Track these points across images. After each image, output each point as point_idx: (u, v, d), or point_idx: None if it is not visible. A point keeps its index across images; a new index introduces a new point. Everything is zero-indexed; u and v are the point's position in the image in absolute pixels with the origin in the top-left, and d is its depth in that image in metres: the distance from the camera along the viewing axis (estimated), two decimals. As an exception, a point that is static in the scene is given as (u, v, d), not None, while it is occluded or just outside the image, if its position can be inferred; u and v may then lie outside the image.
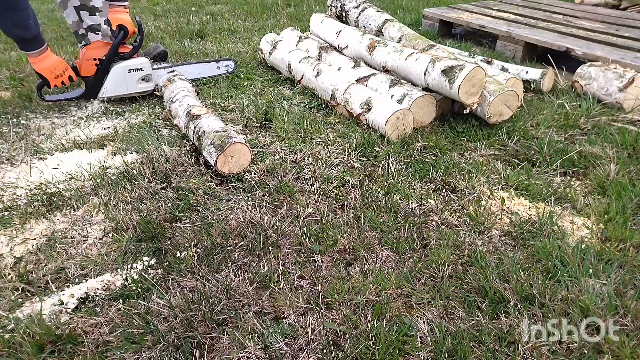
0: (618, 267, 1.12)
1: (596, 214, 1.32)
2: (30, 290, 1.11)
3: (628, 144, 1.64)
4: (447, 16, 3.02)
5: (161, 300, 1.04)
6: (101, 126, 1.94)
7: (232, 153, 1.50)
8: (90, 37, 2.12)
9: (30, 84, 2.36)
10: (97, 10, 2.08)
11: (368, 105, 1.80)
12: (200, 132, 1.60)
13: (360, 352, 0.92)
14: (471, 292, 1.07)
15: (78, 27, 2.12)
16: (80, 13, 2.05)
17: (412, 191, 1.44)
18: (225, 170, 1.51)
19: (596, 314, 0.98)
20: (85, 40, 2.13)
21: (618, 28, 2.62)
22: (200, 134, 1.59)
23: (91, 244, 1.26)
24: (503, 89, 1.73)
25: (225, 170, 1.51)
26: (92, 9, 2.07)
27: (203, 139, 1.57)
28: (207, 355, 0.94)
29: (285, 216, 1.33)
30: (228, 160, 1.50)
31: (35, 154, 1.70)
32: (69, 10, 2.06)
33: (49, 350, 0.95)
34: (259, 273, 1.12)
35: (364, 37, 2.21)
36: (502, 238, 1.25)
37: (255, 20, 3.65)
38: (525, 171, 1.53)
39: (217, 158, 1.48)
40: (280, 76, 2.44)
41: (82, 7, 2.04)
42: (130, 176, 1.53)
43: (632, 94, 1.88)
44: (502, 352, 0.92)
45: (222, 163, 1.49)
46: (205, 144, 1.55)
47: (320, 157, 1.62)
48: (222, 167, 1.50)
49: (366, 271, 1.13)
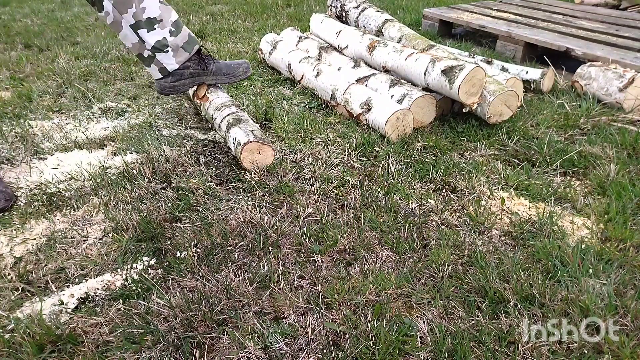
0: (618, 267, 1.12)
1: (596, 214, 1.32)
2: (30, 290, 1.11)
3: (628, 144, 1.64)
4: (447, 16, 3.02)
5: (161, 300, 1.04)
6: (101, 126, 1.94)
7: (262, 151, 1.55)
8: (160, 57, 1.67)
9: (30, 84, 2.37)
10: (155, 22, 1.60)
11: (368, 105, 1.80)
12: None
13: (360, 352, 0.92)
14: (471, 292, 1.07)
15: (141, 49, 1.65)
16: (139, 32, 1.60)
17: (412, 191, 1.44)
18: (249, 160, 1.55)
19: (596, 314, 0.98)
20: (156, 63, 1.68)
21: (618, 28, 2.62)
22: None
23: (91, 244, 1.26)
24: (503, 89, 1.73)
25: (250, 159, 1.56)
26: (149, 22, 1.59)
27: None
28: (207, 355, 0.94)
29: (285, 216, 1.33)
30: (255, 155, 1.55)
31: (35, 154, 1.70)
32: (125, 31, 1.60)
33: (49, 350, 0.95)
34: (259, 273, 1.12)
35: (364, 37, 2.21)
36: (502, 238, 1.25)
37: (255, 20, 3.65)
38: (525, 171, 1.53)
39: (256, 147, 1.55)
40: (280, 76, 2.44)
41: (137, 24, 1.58)
42: (130, 176, 1.53)
43: (632, 94, 1.88)
44: (502, 352, 0.92)
45: (251, 153, 1.55)
46: (245, 128, 1.61)
47: (320, 157, 1.62)
48: (250, 155, 1.55)
49: (366, 271, 1.13)
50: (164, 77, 1.74)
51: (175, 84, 1.77)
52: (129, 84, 2.40)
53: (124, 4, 1.54)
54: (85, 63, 2.66)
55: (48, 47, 3.04)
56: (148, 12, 1.58)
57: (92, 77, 2.47)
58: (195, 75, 1.79)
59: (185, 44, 1.69)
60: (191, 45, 1.72)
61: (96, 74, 2.51)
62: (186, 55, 1.71)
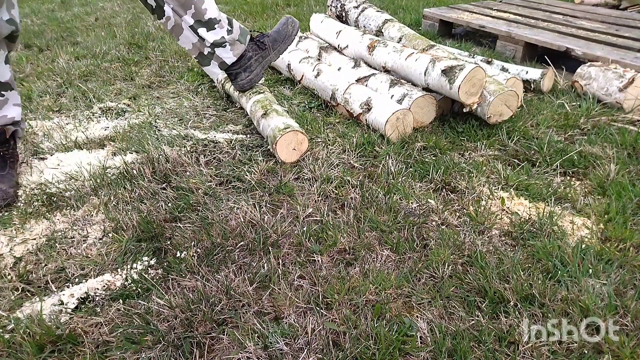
0: (618, 267, 1.12)
1: (596, 214, 1.32)
2: (30, 290, 1.11)
3: (628, 144, 1.64)
4: (447, 16, 3.02)
5: (161, 300, 1.04)
6: (101, 126, 1.94)
7: (297, 146, 1.61)
8: (219, 52, 1.74)
9: (30, 84, 2.37)
10: (215, 22, 1.67)
11: (368, 105, 1.80)
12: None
13: (360, 352, 0.92)
14: (471, 292, 1.07)
15: (201, 47, 1.71)
16: (199, 31, 1.66)
17: (412, 191, 1.44)
18: (285, 154, 1.61)
19: (596, 314, 0.98)
20: (215, 58, 1.76)
21: (618, 28, 2.62)
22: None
23: (91, 244, 1.26)
24: (503, 89, 1.73)
25: (287, 152, 1.61)
26: (210, 22, 1.67)
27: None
28: (207, 355, 0.94)
29: (285, 216, 1.33)
30: (291, 146, 1.60)
31: (35, 154, 1.70)
32: (186, 33, 1.66)
33: (49, 350, 0.95)
34: (259, 273, 1.12)
35: (364, 37, 2.21)
36: (502, 238, 1.25)
37: (255, 20, 3.65)
38: (525, 171, 1.53)
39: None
40: (280, 76, 2.44)
41: (197, 23, 1.65)
42: (130, 176, 1.53)
43: (632, 94, 1.88)
44: (502, 352, 0.92)
45: (290, 144, 1.60)
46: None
47: (320, 157, 1.62)
48: (288, 149, 1.61)
49: (366, 271, 1.13)
50: (237, 79, 1.86)
51: (251, 77, 1.87)
52: (129, 84, 2.40)
53: (182, 6, 1.60)
54: (85, 63, 2.66)
55: (48, 47, 3.04)
56: (209, 13, 1.66)
57: (92, 77, 2.48)
58: (260, 60, 1.87)
59: (240, 36, 1.77)
60: (244, 36, 1.80)
61: (96, 74, 2.51)
62: (242, 47, 1.79)
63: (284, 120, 1.66)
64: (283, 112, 1.76)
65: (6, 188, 1.44)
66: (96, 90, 2.27)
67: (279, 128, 1.60)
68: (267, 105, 1.78)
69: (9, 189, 1.44)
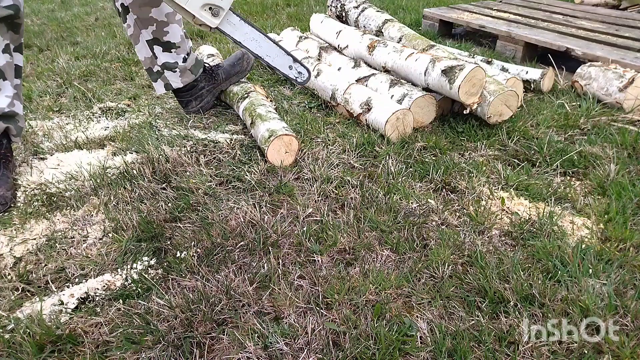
0: (618, 267, 1.12)
1: (596, 214, 1.32)
2: (30, 290, 1.11)
3: (628, 144, 1.64)
4: (447, 16, 3.02)
5: (161, 300, 1.04)
6: (101, 126, 1.94)
7: (288, 148, 1.59)
8: (167, 74, 1.83)
9: (30, 84, 2.37)
10: (173, 46, 1.76)
11: (368, 105, 1.80)
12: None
13: (360, 352, 0.92)
14: (471, 292, 1.07)
15: (152, 64, 1.80)
16: (154, 48, 1.75)
17: (412, 191, 1.44)
18: (278, 159, 1.59)
19: (596, 314, 0.98)
20: (162, 78, 1.84)
21: (618, 28, 2.62)
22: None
23: (91, 244, 1.26)
24: (503, 89, 1.73)
25: (279, 157, 1.60)
26: (168, 44, 1.75)
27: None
28: (207, 355, 0.94)
29: (285, 216, 1.33)
30: (282, 151, 1.59)
31: (35, 154, 1.70)
32: (141, 45, 1.74)
33: (49, 350, 0.95)
34: (259, 273, 1.12)
35: (364, 37, 2.21)
36: (502, 238, 1.25)
37: (255, 20, 3.65)
38: (525, 171, 1.53)
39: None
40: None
41: (155, 41, 1.73)
42: (130, 176, 1.53)
43: (632, 94, 1.88)
44: (502, 352, 0.92)
45: (280, 149, 1.59)
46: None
47: (320, 157, 1.62)
48: (279, 153, 1.60)
49: (366, 271, 1.13)
50: (187, 106, 1.98)
51: (201, 105, 1.99)
52: (129, 84, 2.40)
53: (144, 22, 1.68)
54: (85, 63, 2.66)
55: (48, 47, 3.04)
56: (170, 37, 1.74)
57: (92, 77, 2.48)
58: (211, 90, 1.99)
59: (192, 67, 1.87)
60: (197, 67, 1.90)
61: (96, 74, 2.51)
62: (192, 77, 1.89)
63: (267, 127, 1.63)
64: (266, 113, 1.74)
65: (3, 192, 1.42)
66: (96, 90, 2.27)
67: (265, 138, 1.59)
68: (252, 112, 1.77)
69: (6, 192, 1.42)
